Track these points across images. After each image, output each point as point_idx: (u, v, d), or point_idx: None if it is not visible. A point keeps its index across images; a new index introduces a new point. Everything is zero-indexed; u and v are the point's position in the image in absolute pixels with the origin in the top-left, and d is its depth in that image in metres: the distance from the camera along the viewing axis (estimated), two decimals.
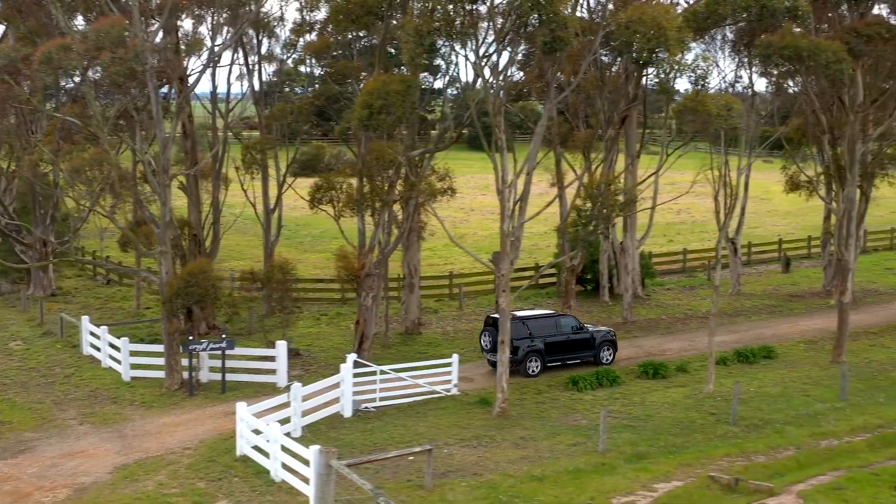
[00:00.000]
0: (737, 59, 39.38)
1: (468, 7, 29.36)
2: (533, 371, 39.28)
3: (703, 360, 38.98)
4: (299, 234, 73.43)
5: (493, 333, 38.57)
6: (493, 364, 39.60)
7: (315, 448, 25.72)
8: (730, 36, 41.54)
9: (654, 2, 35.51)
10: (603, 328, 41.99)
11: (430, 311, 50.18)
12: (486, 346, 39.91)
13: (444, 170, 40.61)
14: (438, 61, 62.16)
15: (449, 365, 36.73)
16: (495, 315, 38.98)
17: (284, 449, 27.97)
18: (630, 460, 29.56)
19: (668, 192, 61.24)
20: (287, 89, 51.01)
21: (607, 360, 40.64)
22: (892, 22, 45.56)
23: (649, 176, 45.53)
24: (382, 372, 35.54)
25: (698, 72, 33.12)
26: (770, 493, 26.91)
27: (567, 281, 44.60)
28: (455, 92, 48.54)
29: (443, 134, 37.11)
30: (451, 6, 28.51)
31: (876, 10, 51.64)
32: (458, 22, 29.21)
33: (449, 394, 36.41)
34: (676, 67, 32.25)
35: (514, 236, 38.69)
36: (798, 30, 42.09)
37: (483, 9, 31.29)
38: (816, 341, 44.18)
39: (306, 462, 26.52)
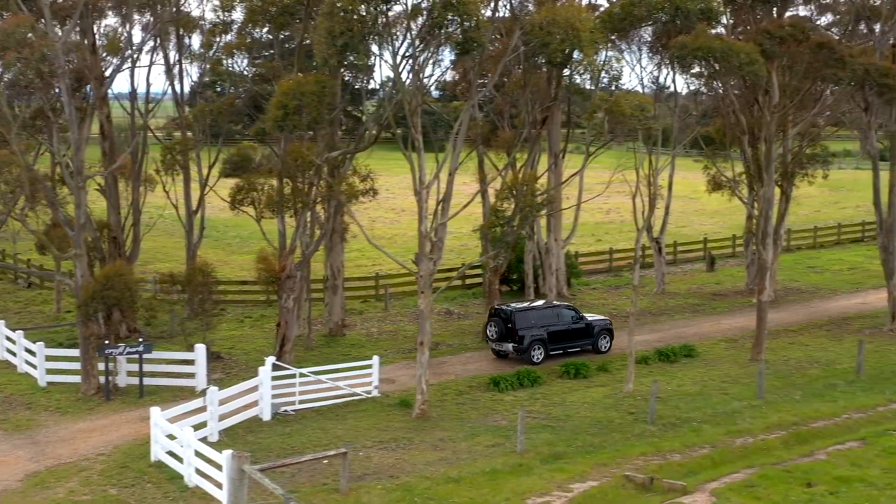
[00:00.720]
0: (656, 60, 39.61)
1: (381, 7, 29.16)
2: (537, 359, 40.69)
3: (624, 360, 39.17)
4: (227, 235, 72.84)
5: (499, 324, 40.86)
6: (497, 353, 41.83)
7: (227, 453, 25.46)
8: (648, 37, 41.83)
9: (568, 3, 35.58)
10: (600, 318, 43.46)
11: (355, 313, 49.97)
12: (493, 335, 41.41)
13: (366, 170, 40.39)
14: (372, 61, 62.06)
15: (370, 367, 36.56)
16: (499, 306, 41.68)
17: (198, 454, 27.65)
18: (547, 461, 29.60)
19: (599, 191, 61.52)
20: (219, 89, 50.54)
21: (605, 347, 42.43)
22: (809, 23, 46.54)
23: (572, 175, 45.69)
24: (302, 375, 35.28)
25: (612, 73, 33.35)
26: (683, 491, 27.08)
27: (491, 281, 44.63)
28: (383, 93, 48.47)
29: (363, 135, 36.89)
30: (362, 6, 28.35)
31: (804, 12, 52.82)
32: (371, 22, 29.03)
33: (370, 396, 36.24)
34: (591, 68, 32.34)
35: (438, 237, 38.65)
36: (719, 31, 42.65)
37: (397, 9, 31.24)
38: (737, 340, 44.63)
39: (219, 467, 26.23)
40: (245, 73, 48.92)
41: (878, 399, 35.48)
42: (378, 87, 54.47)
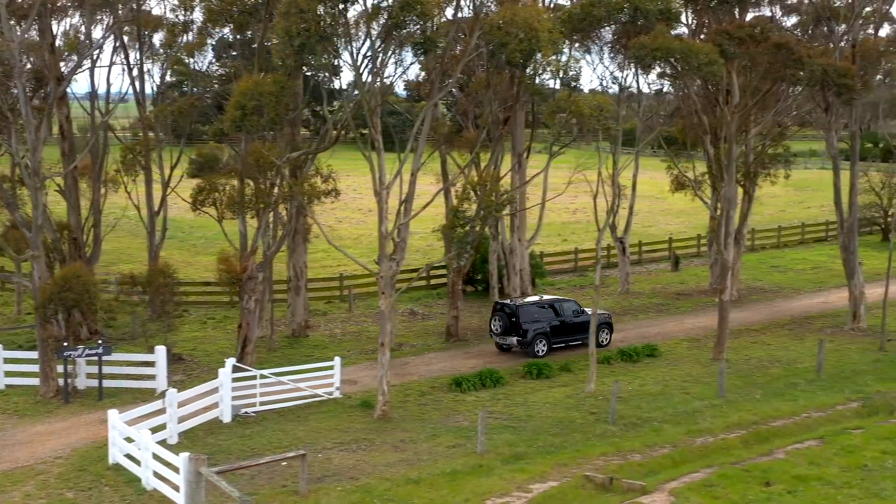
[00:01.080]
0: (617, 61, 39.69)
1: (339, 7, 29.03)
2: (540, 352, 41.71)
3: (587, 360, 39.18)
4: (192, 236, 72.43)
5: (503, 318, 42.03)
6: (500, 347, 42.84)
7: (184, 455, 25.26)
8: (609, 37, 41.90)
9: (530, 3, 35.56)
10: (601, 312, 43.42)
11: (318, 314, 49.80)
12: (497, 329, 42.41)
13: (329, 170, 40.26)
14: (337, 61, 61.76)
15: (331, 368, 36.42)
16: (503, 301, 42.89)
17: (155, 456, 27.45)
18: (508, 461, 29.57)
19: (568, 191, 61.53)
20: (185, 89, 50.06)
21: (605, 341, 43.18)
22: (774, 23, 46.70)
23: (534, 176, 45.69)
24: (262, 376, 35.10)
25: (571, 73, 33.36)
26: (643, 491, 27.11)
27: (454, 282, 44.55)
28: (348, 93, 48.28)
29: (325, 135, 36.75)
30: (320, 6, 28.20)
31: (770, 13, 53.03)
32: (329, 22, 28.89)
33: (331, 397, 36.10)
34: (549, 68, 32.35)
35: (401, 237, 38.56)
36: (682, 32, 42.79)
37: (357, 10, 31.10)
38: (700, 339, 44.80)
39: (176, 469, 26.04)
40: (210, 72, 48.68)
41: (838, 398, 35.70)
42: (346, 87, 54.44)
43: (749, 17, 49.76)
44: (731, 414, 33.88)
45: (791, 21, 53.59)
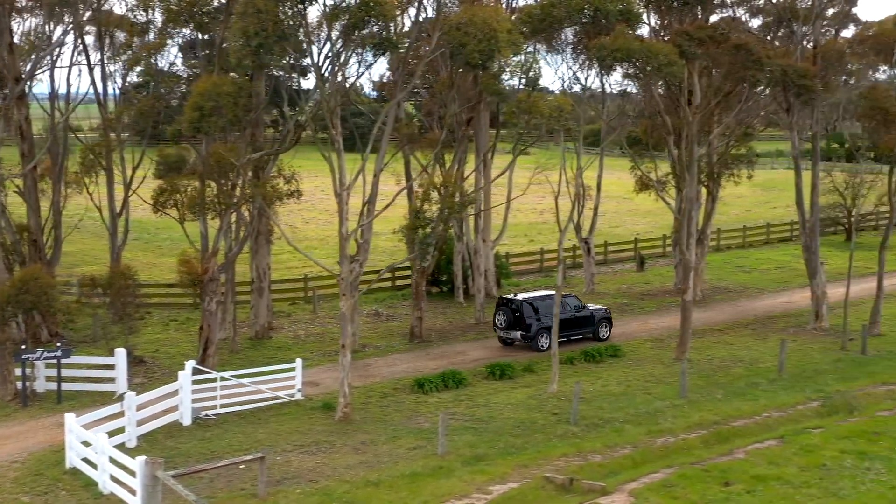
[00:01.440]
0: (578, 61, 39.69)
1: (297, 7, 28.87)
2: (543, 346, 42.29)
3: (550, 360, 39.19)
4: (158, 237, 71.86)
5: (507, 313, 42.89)
6: (503, 341, 43.70)
7: (140, 459, 25.04)
8: (570, 38, 41.91)
9: (492, 4, 35.52)
10: (600, 307, 45.50)
11: (282, 315, 49.55)
12: (501, 324, 43.31)
13: (291, 171, 40.12)
14: (307, 61, 61.45)
15: (293, 370, 36.24)
16: (507, 297, 43.84)
17: (112, 460, 27.22)
18: (468, 462, 29.52)
19: (535, 191, 61.68)
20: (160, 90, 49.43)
21: (604, 335, 44.38)
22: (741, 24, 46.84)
23: (497, 176, 45.70)
24: (223, 378, 34.88)
25: (531, 74, 33.33)
26: (603, 492, 27.11)
27: (417, 283, 44.44)
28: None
29: (286, 136, 36.57)
30: (278, 7, 28.03)
31: (737, 13, 53.19)
32: (287, 23, 28.73)
33: (293, 399, 35.91)
34: (508, 69, 32.32)
35: (364, 238, 38.44)
36: (645, 32, 42.84)
37: (316, 10, 30.95)
38: (663, 339, 44.90)
39: (133, 473, 25.83)
40: (176, 73, 48.29)
41: (799, 397, 35.87)
42: (312, 87, 54.05)
43: (715, 18, 50.02)
44: (693, 414, 33.97)
45: (757, 22, 53.85)
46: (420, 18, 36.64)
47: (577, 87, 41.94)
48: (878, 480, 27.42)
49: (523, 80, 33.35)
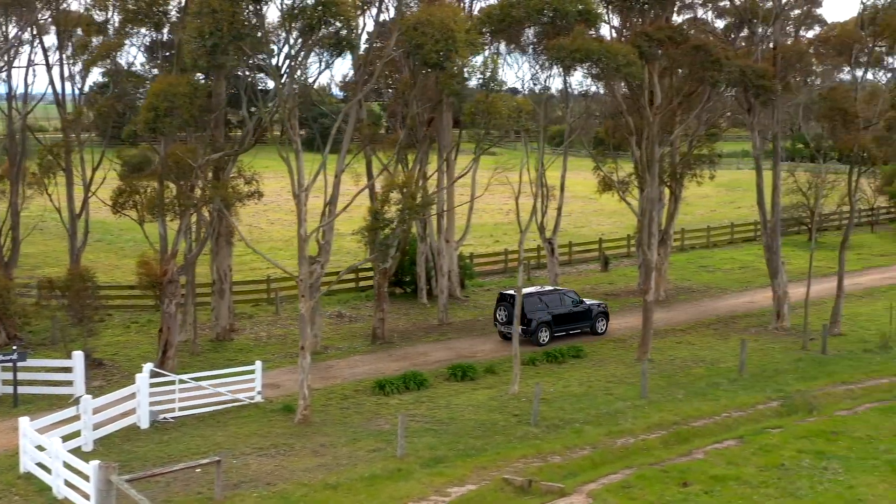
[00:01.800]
0: (538, 62, 39.60)
1: (251, 7, 28.65)
2: (543, 340, 43.77)
3: (512, 362, 39.14)
4: (121, 238, 71.29)
5: (508, 308, 43.68)
6: (504, 336, 44.22)
7: (94, 463, 24.78)
8: (532, 38, 41.83)
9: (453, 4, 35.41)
10: (597, 302, 46.77)
11: (245, 317, 49.25)
12: (502, 319, 44.22)
13: (251, 172, 39.87)
14: (277, 61, 60.85)
15: (252, 372, 35.99)
16: (507, 292, 44.55)
17: (66, 465, 26.92)
18: (427, 465, 29.38)
19: (501, 192, 61.61)
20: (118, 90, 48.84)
21: (602, 329, 45.64)
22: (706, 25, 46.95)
23: (459, 177, 45.60)
24: (181, 381, 34.60)
25: (488, 73, 33.24)
26: (561, 493, 27.05)
27: (379, 284, 44.26)
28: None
29: (245, 137, 36.30)
30: (234, 7, 27.79)
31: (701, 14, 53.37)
32: (242, 23, 28.48)
33: (252, 401, 35.67)
34: (465, 69, 32.20)
35: (325, 240, 38.30)
36: (609, 33, 42.83)
37: (274, 10, 30.75)
38: (626, 339, 44.94)
39: (87, 478, 25.56)
40: (141, 73, 47.84)
41: (759, 397, 35.94)
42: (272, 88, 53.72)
43: (681, 19, 50.16)
44: (653, 414, 33.97)
45: (723, 24, 54.04)
46: (381, 19, 36.69)
47: (537, 88, 41.77)
48: (835, 480, 27.50)
49: (481, 81, 33.23)
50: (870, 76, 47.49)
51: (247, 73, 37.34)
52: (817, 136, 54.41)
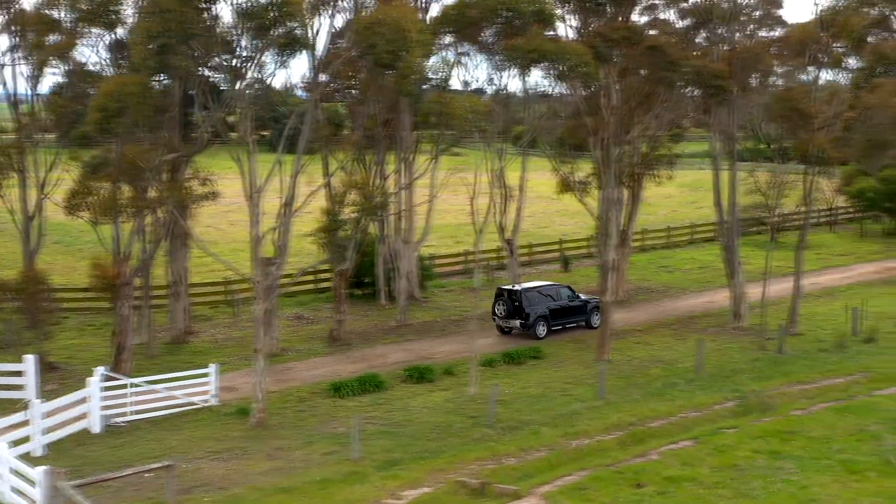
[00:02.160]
0: (494, 62, 39.50)
1: (202, 6, 28.36)
2: (541, 334, 44.96)
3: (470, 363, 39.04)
4: (80, 240, 70.54)
5: (506, 303, 45.13)
6: (502, 330, 45.90)
7: (41, 469, 24.41)
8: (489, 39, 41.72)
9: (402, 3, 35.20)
10: (592, 297, 47.69)
11: (202, 319, 48.86)
12: (500, 313, 45.58)
13: (206, 173, 39.55)
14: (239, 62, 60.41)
15: (207, 375, 35.69)
16: (505, 287, 46.01)
17: (13, 470, 26.51)
18: (382, 468, 29.16)
19: (464, 192, 61.25)
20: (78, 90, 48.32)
21: (596, 324, 45.86)
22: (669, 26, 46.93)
23: (416, 178, 45.48)
24: (134, 385, 34.24)
25: (443, 74, 33.15)
26: (516, 495, 26.88)
27: (337, 285, 44.05)
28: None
29: (199, 138, 35.99)
30: (185, 7, 27.50)
31: (664, 15, 53.34)
32: (192, 23, 28.18)
33: (207, 405, 35.36)
34: (420, 70, 32.05)
35: (282, 241, 37.99)
36: (568, 34, 42.73)
37: (226, 10, 30.49)
38: (584, 340, 44.93)
39: (34, 483, 25.17)
40: (98, 73, 47.34)
41: (715, 397, 35.94)
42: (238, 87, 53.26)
43: (645, 19, 50.09)
44: (610, 415, 33.89)
45: (684, 24, 54.04)
46: (334, 19, 36.41)
47: (492, 89, 41.72)
48: (788, 480, 27.47)
49: (436, 82, 33.12)
50: (830, 77, 47.75)
51: (202, 72, 37.01)
52: (777, 136, 54.68)
